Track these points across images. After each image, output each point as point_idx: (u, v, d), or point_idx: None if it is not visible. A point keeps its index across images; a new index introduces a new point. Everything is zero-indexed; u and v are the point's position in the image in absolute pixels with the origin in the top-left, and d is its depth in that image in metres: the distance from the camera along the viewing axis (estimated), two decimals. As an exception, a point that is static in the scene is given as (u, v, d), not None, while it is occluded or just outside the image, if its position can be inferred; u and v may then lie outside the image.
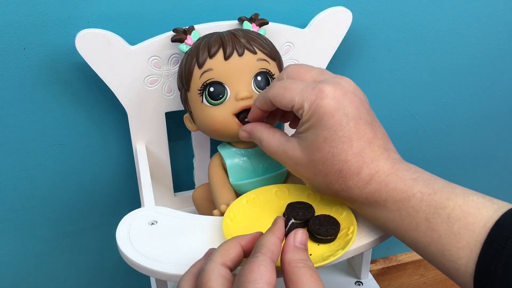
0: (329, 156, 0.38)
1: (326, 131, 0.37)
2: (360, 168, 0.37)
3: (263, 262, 0.31)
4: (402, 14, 0.63)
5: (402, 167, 0.37)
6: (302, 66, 0.42)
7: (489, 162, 0.82)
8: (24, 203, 0.61)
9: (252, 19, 0.53)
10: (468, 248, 0.33)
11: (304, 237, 0.35)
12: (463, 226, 0.33)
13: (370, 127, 0.38)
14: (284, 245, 0.34)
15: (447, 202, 0.34)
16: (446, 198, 0.34)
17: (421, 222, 0.35)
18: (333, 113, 0.37)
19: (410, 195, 0.36)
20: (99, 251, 0.68)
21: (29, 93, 0.54)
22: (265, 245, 0.33)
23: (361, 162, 0.37)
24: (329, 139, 0.37)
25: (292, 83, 0.40)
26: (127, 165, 0.62)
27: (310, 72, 0.41)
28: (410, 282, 0.92)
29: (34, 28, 0.51)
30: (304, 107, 0.38)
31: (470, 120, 0.76)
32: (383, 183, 0.37)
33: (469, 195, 0.35)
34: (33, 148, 0.58)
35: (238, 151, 0.50)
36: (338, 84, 0.38)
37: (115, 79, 0.52)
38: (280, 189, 0.46)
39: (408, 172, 0.37)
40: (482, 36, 0.69)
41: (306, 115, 0.38)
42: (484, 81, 0.73)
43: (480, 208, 0.33)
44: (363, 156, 0.37)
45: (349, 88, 0.39)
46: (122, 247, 0.40)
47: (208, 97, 0.47)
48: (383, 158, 0.38)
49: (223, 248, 0.34)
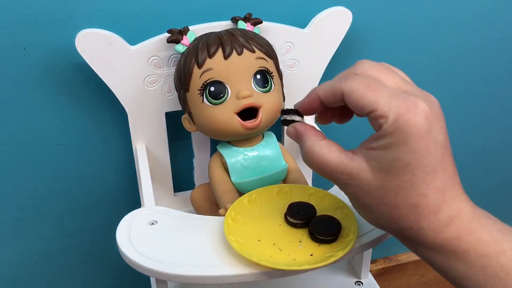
0: (406, 186, 0.31)
1: (411, 156, 0.30)
2: (440, 207, 0.31)
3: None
4: (402, 14, 0.63)
5: (483, 214, 0.32)
6: (384, 66, 0.34)
7: (489, 162, 0.82)
8: (24, 203, 0.61)
9: (247, 19, 0.53)
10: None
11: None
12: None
13: (451, 160, 0.32)
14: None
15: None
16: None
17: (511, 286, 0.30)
18: (424, 136, 0.30)
19: (499, 252, 0.30)
20: (99, 251, 0.68)
21: (29, 93, 0.54)
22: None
23: (442, 200, 0.31)
24: (412, 166, 0.31)
25: (378, 83, 0.32)
26: (127, 165, 0.62)
27: (394, 76, 0.33)
28: (410, 282, 0.92)
29: (34, 28, 0.51)
30: (389, 117, 0.30)
31: (469, 120, 0.76)
32: (465, 230, 0.31)
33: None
34: (33, 148, 0.58)
35: (239, 150, 0.50)
36: (430, 103, 0.32)
37: (115, 79, 0.52)
38: (282, 189, 0.46)
39: (491, 221, 0.32)
40: (482, 36, 0.69)
41: (389, 128, 0.31)
42: (484, 81, 0.73)
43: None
44: (445, 193, 0.31)
45: (439, 110, 0.32)
46: (122, 247, 0.40)
47: (208, 97, 0.47)
48: (464, 199, 0.32)
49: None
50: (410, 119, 0.30)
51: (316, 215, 0.42)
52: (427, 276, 0.92)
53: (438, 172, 0.31)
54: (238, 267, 0.38)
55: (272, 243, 0.40)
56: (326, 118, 0.38)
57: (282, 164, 0.51)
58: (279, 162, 0.51)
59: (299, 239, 0.41)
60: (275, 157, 0.51)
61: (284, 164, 0.51)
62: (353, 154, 0.33)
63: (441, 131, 0.32)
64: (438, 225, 0.31)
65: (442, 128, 0.32)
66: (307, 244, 0.40)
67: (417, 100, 0.31)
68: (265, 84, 0.49)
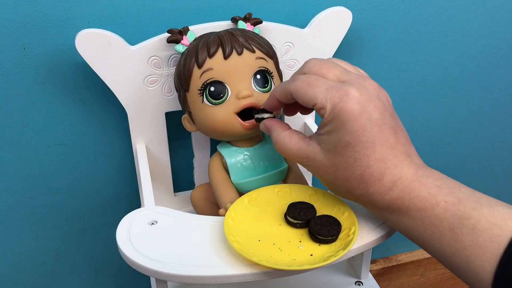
0: (351, 161, 0.37)
1: (349, 136, 0.36)
2: (383, 174, 0.36)
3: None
4: (402, 14, 0.63)
5: (426, 173, 0.37)
6: (326, 62, 0.40)
7: (489, 162, 0.82)
8: (24, 203, 0.61)
9: (247, 19, 0.53)
10: (493, 260, 0.32)
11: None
12: (489, 238, 0.32)
13: (393, 132, 0.37)
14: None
15: (473, 212, 0.33)
16: (472, 208, 0.34)
17: (445, 232, 0.34)
18: (357, 118, 0.36)
19: (434, 204, 0.35)
20: (99, 251, 0.68)
21: (29, 93, 0.54)
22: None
23: (384, 168, 0.36)
24: (352, 144, 0.36)
25: (316, 79, 0.38)
26: (127, 165, 0.62)
27: (334, 70, 0.39)
28: (410, 282, 0.92)
29: (34, 28, 0.51)
30: (327, 108, 0.37)
31: (469, 120, 0.76)
32: (406, 190, 0.36)
33: (494, 205, 0.34)
34: (33, 148, 0.58)
35: (239, 149, 0.50)
36: (363, 87, 0.37)
37: (115, 79, 0.52)
38: (282, 189, 0.46)
39: (432, 179, 0.36)
40: (482, 36, 0.69)
41: (328, 116, 0.37)
42: (484, 81, 0.73)
43: (506, 219, 0.32)
44: (386, 162, 0.36)
45: (374, 91, 0.38)
46: (122, 247, 0.40)
47: (208, 97, 0.47)
48: (406, 164, 0.37)
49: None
50: (343, 106, 0.36)
51: (316, 215, 0.42)
52: (427, 276, 0.92)
53: (377, 146, 0.36)
54: (238, 267, 0.38)
55: (272, 243, 0.40)
56: (291, 111, 0.46)
57: (282, 164, 0.51)
58: (279, 162, 0.51)
59: (299, 239, 0.41)
60: (275, 157, 0.51)
61: (284, 164, 0.51)
62: (309, 140, 0.40)
63: (375, 110, 0.36)
64: (383, 189, 0.37)
65: (377, 107, 0.37)
66: (307, 244, 0.40)
67: (349, 88, 0.36)
68: (265, 84, 0.49)
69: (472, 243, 0.33)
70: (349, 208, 0.42)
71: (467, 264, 0.33)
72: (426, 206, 0.35)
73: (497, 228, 0.32)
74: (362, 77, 0.39)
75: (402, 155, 0.37)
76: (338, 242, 0.40)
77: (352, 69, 0.41)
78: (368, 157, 0.36)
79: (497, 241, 0.32)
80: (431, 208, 0.35)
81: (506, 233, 0.32)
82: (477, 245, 0.33)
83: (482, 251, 0.32)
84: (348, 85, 0.37)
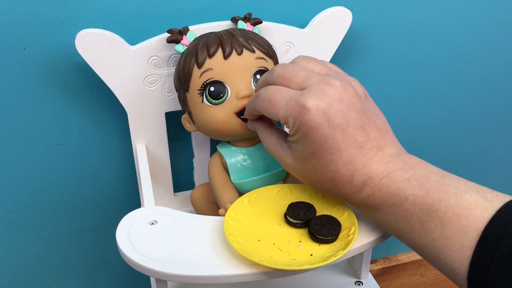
0: (318, 167, 0.38)
1: (312, 146, 0.37)
2: (352, 176, 0.37)
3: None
4: (402, 14, 0.63)
5: (396, 166, 0.37)
6: (289, 70, 0.39)
7: (489, 162, 0.82)
8: (24, 203, 0.61)
9: (246, 19, 0.53)
10: (461, 251, 0.33)
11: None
12: (456, 230, 0.33)
13: (360, 130, 0.37)
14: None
15: (440, 204, 0.34)
16: (438, 200, 0.34)
17: (415, 225, 0.35)
18: (317, 128, 0.36)
19: (403, 199, 0.36)
20: (99, 251, 0.68)
21: (29, 93, 0.54)
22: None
23: (352, 170, 0.37)
24: (316, 152, 0.37)
25: (276, 94, 0.39)
26: (127, 165, 0.62)
27: (296, 77, 0.39)
28: (410, 282, 0.92)
29: (34, 28, 0.51)
30: (289, 122, 0.38)
31: (469, 120, 0.76)
32: (376, 188, 0.37)
33: (462, 193, 0.34)
34: (33, 148, 0.58)
35: (239, 149, 0.50)
36: (322, 93, 0.36)
37: (115, 79, 0.52)
38: (282, 189, 0.46)
39: (402, 171, 0.36)
40: (482, 36, 0.69)
41: (292, 129, 0.38)
42: (484, 81, 0.73)
43: (472, 208, 0.33)
44: (354, 163, 0.37)
45: (334, 95, 0.37)
46: (122, 247, 0.40)
47: (208, 97, 0.47)
48: (376, 160, 0.37)
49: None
50: (302, 120, 0.37)
51: (316, 215, 0.42)
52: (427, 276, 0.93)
53: (342, 149, 0.37)
54: (238, 267, 0.38)
55: (272, 243, 0.40)
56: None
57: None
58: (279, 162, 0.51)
59: (299, 239, 0.41)
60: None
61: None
62: (283, 143, 0.41)
63: (336, 115, 0.36)
64: (354, 190, 0.38)
65: (338, 112, 0.36)
66: (307, 244, 0.40)
67: (305, 100, 0.36)
68: (265, 84, 0.49)
69: (440, 235, 0.34)
70: (349, 208, 0.42)
71: (438, 256, 0.34)
72: (396, 202, 0.36)
73: (463, 219, 0.33)
74: (325, 79, 0.38)
75: (371, 151, 0.37)
76: (338, 242, 0.40)
77: (318, 68, 0.40)
78: (335, 162, 0.37)
79: (464, 231, 0.33)
80: (400, 204, 0.36)
81: (472, 223, 0.33)
82: (445, 237, 0.33)
83: (450, 242, 0.33)
84: (306, 95, 0.37)
